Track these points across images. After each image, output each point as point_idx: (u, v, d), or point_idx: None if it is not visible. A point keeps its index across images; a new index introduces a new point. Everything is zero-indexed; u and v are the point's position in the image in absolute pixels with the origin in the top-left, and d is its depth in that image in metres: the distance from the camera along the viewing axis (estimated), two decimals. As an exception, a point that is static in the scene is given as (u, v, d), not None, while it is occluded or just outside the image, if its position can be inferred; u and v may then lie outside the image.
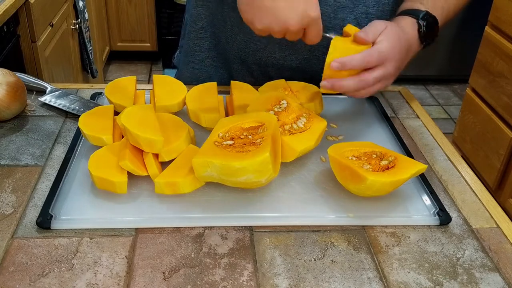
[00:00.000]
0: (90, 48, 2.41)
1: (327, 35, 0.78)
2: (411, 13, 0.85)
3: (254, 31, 0.76)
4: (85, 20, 2.35)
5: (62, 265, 0.59)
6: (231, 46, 1.01)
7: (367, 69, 0.76)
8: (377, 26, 0.78)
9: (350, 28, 0.80)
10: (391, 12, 0.96)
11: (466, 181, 0.78)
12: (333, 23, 0.93)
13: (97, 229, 0.65)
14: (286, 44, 0.97)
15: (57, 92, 0.93)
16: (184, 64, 1.10)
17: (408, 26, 0.83)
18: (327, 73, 0.75)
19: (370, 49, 0.75)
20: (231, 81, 0.91)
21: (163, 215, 0.67)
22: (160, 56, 3.30)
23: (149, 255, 0.61)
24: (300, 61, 0.99)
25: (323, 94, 0.87)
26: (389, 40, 0.77)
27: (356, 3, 0.92)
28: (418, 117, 0.95)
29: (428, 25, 0.84)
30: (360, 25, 0.93)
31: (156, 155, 0.73)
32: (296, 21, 0.72)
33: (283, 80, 0.93)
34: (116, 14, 3.09)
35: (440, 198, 0.72)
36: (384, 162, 0.70)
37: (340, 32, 0.82)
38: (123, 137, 0.76)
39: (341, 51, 0.75)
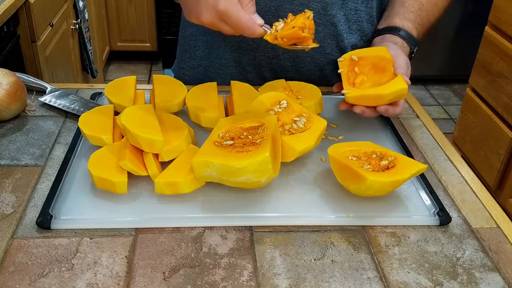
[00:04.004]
0: (90, 48, 2.41)
1: (264, 27, 0.73)
2: (409, 41, 0.90)
3: None
4: (85, 20, 2.35)
5: (62, 265, 0.59)
6: (224, 50, 1.01)
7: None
8: (403, 63, 0.84)
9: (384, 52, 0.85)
10: (377, 9, 0.99)
11: (466, 181, 0.78)
12: (323, 19, 0.95)
13: (97, 229, 0.65)
14: None
15: (57, 92, 0.93)
16: (177, 70, 1.11)
17: (406, 52, 0.90)
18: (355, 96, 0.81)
19: (399, 108, 0.82)
20: (231, 81, 0.91)
21: (163, 215, 0.67)
22: (160, 56, 3.30)
23: (149, 255, 0.61)
24: (294, 60, 1.00)
25: (323, 94, 0.88)
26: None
27: (346, 0, 0.94)
28: (418, 117, 0.95)
29: (410, 58, 0.92)
30: (349, 21, 0.96)
31: (156, 155, 0.73)
32: (206, 16, 0.72)
33: (283, 80, 0.93)
34: (116, 14, 3.09)
35: (440, 198, 0.72)
36: (384, 162, 0.70)
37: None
38: (123, 137, 0.76)
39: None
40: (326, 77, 1.02)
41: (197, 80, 1.06)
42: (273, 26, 0.75)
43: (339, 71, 0.85)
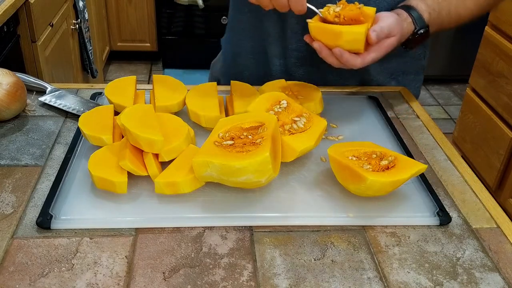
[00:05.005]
0: (90, 48, 2.41)
1: (312, 7, 0.79)
2: (417, 20, 0.86)
3: None
4: (85, 20, 2.35)
5: (62, 265, 0.59)
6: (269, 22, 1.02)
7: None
8: (386, 28, 0.80)
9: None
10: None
11: (466, 181, 0.78)
12: None
13: (97, 229, 0.65)
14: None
15: (57, 92, 0.93)
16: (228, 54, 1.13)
17: (407, 29, 0.86)
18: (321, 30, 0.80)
19: (358, 60, 0.79)
20: (231, 81, 0.91)
21: (163, 215, 0.67)
22: (160, 56, 3.30)
23: (149, 255, 0.61)
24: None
25: (323, 94, 0.88)
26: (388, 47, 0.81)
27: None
28: (418, 117, 0.95)
29: (417, 41, 0.88)
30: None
31: (156, 155, 0.73)
32: None
33: (283, 80, 0.93)
34: (116, 14, 3.09)
35: (440, 198, 0.72)
36: (384, 162, 0.70)
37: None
38: (123, 137, 0.76)
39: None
40: (344, 75, 1.02)
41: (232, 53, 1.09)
42: (327, 7, 0.81)
43: (308, 20, 0.81)
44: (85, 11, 2.36)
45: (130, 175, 0.69)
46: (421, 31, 0.87)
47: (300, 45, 0.98)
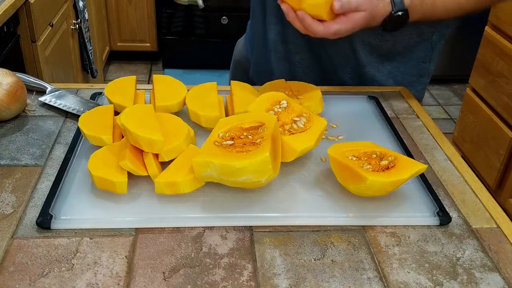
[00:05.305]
0: (90, 48, 2.41)
1: None
2: (395, 2, 0.84)
3: None
4: (85, 20, 2.35)
5: (62, 265, 0.59)
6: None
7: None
8: (354, 1, 0.79)
9: None
10: None
11: (466, 181, 0.78)
12: None
13: (97, 229, 0.65)
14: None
15: (57, 92, 0.93)
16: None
17: (383, 10, 0.84)
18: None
19: (320, 28, 0.79)
20: (231, 81, 0.91)
21: (163, 215, 0.67)
22: (160, 56, 3.30)
23: (149, 255, 0.61)
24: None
25: (323, 94, 0.88)
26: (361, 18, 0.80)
27: None
28: (418, 117, 0.95)
29: (395, 24, 0.86)
30: None
31: (156, 155, 0.73)
32: None
33: (283, 80, 0.93)
34: (116, 14, 3.09)
35: (440, 198, 0.72)
36: (384, 162, 0.70)
37: None
38: (123, 137, 0.76)
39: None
40: (336, 64, 1.02)
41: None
42: None
43: None
44: (85, 11, 2.36)
45: (130, 175, 0.69)
46: (399, 13, 0.85)
47: (295, 31, 0.99)
